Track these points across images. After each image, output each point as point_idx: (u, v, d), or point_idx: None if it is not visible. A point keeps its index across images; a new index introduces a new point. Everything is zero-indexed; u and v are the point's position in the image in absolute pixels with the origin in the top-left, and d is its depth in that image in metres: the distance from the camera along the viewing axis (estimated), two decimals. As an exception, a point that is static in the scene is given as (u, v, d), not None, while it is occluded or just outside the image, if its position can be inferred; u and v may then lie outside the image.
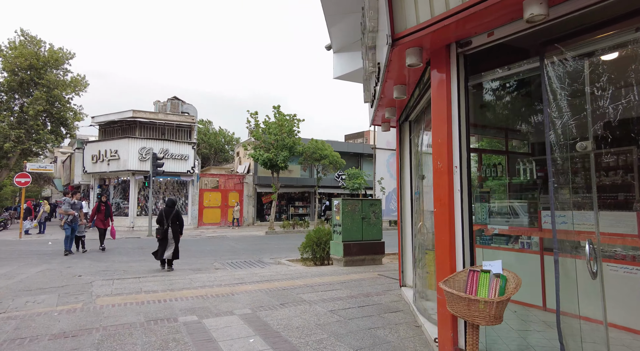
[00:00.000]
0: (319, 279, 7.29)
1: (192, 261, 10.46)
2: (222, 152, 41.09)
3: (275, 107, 21.70)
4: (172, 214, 8.80)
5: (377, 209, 9.67)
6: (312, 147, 21.57)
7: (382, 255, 9.58)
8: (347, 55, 7.36)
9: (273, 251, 12.81)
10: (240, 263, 10.17)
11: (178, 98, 24.26)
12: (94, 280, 7.19)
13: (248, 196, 25.07)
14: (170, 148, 21.97)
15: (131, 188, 21.50)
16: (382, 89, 4.48)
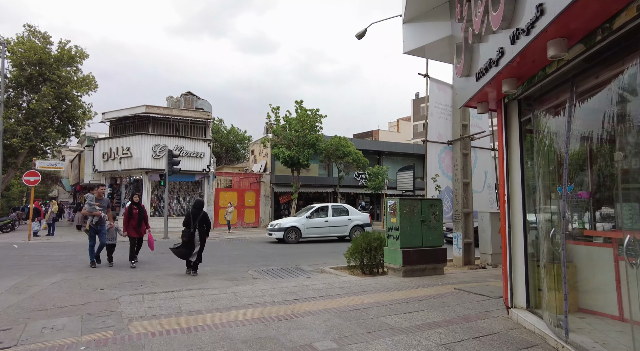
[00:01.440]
0: (387, 295, 6.07)
1: (223, 268, 9.28)
2: (234, 151, 39.98)
3: (297, 102, 20.54)
4: (200, 216, 8.35)
5: (437, 211, 8.44)
6: (334, 144, 20.36)
7: (444, 264, 8.34)
8: (421, 26, 6.14)
9: (306, 256, 11.61)
10: (277, 271, 8.98)
11: (192, 93, 23.15)
12: (121, 295, 6.01)
13: (265, 195, 23.90)
14: (185, 145, 20.85)
15: (144, 188, 20.39)
16: (527, 46, 3.25)
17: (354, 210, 17.38)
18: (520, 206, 4.79)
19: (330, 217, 16.47)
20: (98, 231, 8.94)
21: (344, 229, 16.59)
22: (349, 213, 16.91)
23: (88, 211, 8.86)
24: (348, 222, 16.70)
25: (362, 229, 16.05)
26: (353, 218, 16.82)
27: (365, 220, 17.09)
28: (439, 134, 10.28)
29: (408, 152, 28.66)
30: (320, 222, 16.29)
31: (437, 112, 10.25)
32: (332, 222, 16.45)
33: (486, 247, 9.66)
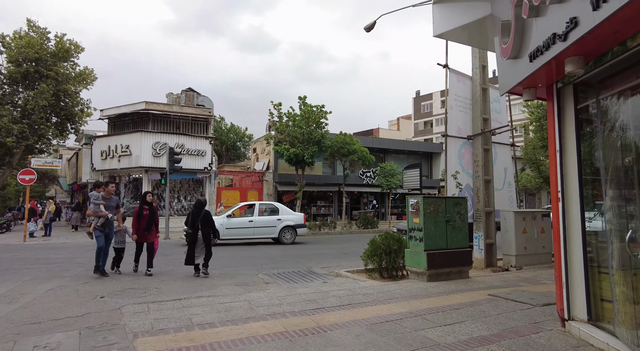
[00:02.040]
0: (417, 303, 5.51)
1: (230, 271, 8.70)
2: (234, 149, 39.37)
3: (300, 98, 19.95)
4: (202, 215, 8.18)
5: (462, 210, 7.88)
6: (339, 142, 19.78)
7: (470, 267, 7.79)
8: (454, 6, 5.57)
9: (318, 258, 11.03)
10: (289, 274, 8.40)
11: (193, 90, 22.54)
12: (123, 305, 5.43)
13: (268, 194, 23.32)
14: (186, 143, 20.24)
15: (144, 187, 19.78)
16: (621, 10, 2.68)
17: (285, 209, 15.48)
18: (577, 205, 4.23)
19: (257, 217, 14.62)
20: (106, 234, 7.73)
21: (273, 230, 14.66)
22: (279, 212, 15.01)
23: (93, 212, 7.54)
24: (277, 222, 14.73)
25: (293, 231, 14.88)
26: (284, 218, 14.87)
27: (298, 220, 15.18)
28: (458, 129, 9.71)
29: (412, 150, 28.13)
30: (243, 222, 14.48)
31: (456, 105, 9.69)
32: (259, 222, 14.53)
33: (510, 248, 9.11)
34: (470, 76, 10.02)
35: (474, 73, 9.96)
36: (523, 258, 9.04)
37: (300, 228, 15.18)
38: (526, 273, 8.23)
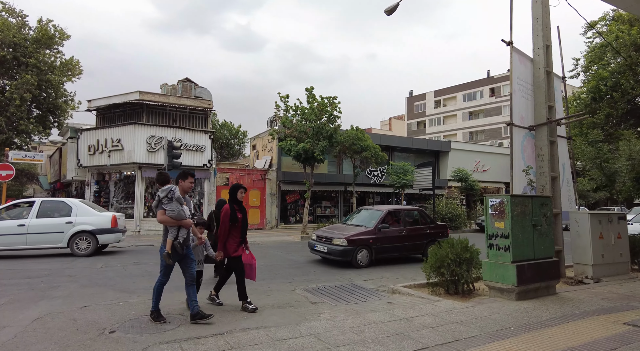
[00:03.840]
0: (548, 339, 4.10)
1: (261, 286, 7.15)
2: (228, 147, 37.51)
3: (308, 90, 18.38)
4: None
5: (548, 212, 6.54)
6: (351, 137, 18.34)
7: (558, 281, 6.45)
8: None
9: (353, 268, 9.54)
10: (333, 290, 6.92)
11: (190, 80, 20.75)
12: (146, 346, 3.85)
13: (271, 194, 21.71)
14: (183, 137, 18.47)
15: (137, 185, 17.94)
16: None
17: (85, 209, 11.14)
18: None
19: (32, 219, 10.39)
20: (183, 256, 4.89)
21: (58, 237, 10.50)
22: (72, 213, 10.80)
23: (174, 218, 4.66)
24: (67, 227, 10.59)
25: (93, 238, 10.68)
26: (79, 221, 10.70)
27: (101, 224, 10.92)
28: (521, 117, 8.38)
29: (420, 148, 26.91)
30: (9, 227, 10.21)
31: (519, 90, 8.35)
32: (35, 227, 10.34)
33: (584, 256, 7.80)
34: (531, 57, 8.72)
35: (536, 54, 8.67)
36: (601, 268, 7.76)
37: (104, 234, 10.91)
38: (616, 287, 6.94)
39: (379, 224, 9.93)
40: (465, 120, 58.10)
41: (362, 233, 9.68)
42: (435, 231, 10.99)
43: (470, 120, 57.69)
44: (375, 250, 9.68)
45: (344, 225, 10.95)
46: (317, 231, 10.96)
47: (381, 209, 10.59)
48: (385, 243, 9.88)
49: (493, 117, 54.20)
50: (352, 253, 9.34)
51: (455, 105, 59.54)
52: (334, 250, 9.38)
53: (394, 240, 10.06)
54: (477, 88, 57.15)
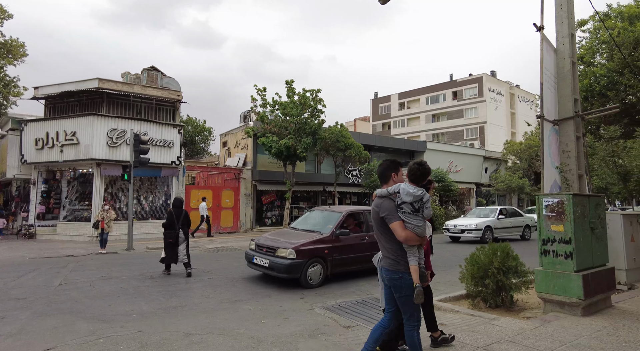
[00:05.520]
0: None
1: (269, 303, 5.89)
2: (192, 143, 35.23)
3: (288, 83, 17.22)
4: (183, 215, 8.34)
5: (602, 213, 5.88)
6: (335, 134, 17.33)
7: (613, 291, 5.76)
8: None
9: (361, 277, 8.48)
10: (356, 307, 5.85)
11: (157, 69, 18.78)
12: None
13: (246, 195, 20.19)
14: (150, 131, 16.54)
15: (95, 184, 15.81)
16: None
17: None
18: None
19: None
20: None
21: None
22: None
23: (420, 235, 3.19)
24: None
25: None
26: None
27: None
28: (547, 110, 7.73)
29: (397, 147, 26.46)
30: None
31: (546, 81, 7.70)
32: None
33: (617, 260, 7.19)
34: (555, 47, 8.13)
35: (560, 43, 8.08)
36: (633, 273, 7.25)
37: None
38: (661, 294, 6.40)
39: (337, 229, 7.72)
40: (429, 122, 59.19)
41: (315, 241, 7.38)
42: None
43: (434, 122, 58.85)
44: (331, 263, 7.50)
45: (293, 231, 8.50)
46: (259, 238, 8.19)
47: (339, 211, 8.37)
48: (344, 252, 7.71)
49: (455, 119, 55.55)
50: (302, 268, 7.02)
51: (419, 107, 60.50)
52: (278, 265, 6.99)
53: (356, 249, 7.89)
54: (440, 91, 58.40)
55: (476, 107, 52.19)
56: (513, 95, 56.42)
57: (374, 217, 3.30)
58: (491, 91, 52.33)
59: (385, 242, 3.22)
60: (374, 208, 3.30)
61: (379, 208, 3.21)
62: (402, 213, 3.18)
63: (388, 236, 3.19)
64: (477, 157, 31.87)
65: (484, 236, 15.15)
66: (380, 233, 3.27)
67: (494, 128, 51.50)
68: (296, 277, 7.05)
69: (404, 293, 3.09)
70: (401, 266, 3.12)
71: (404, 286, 3.09)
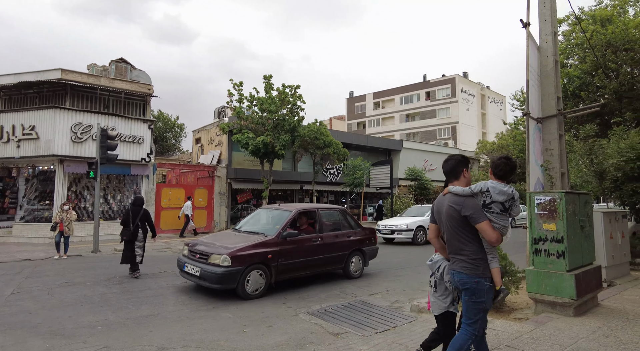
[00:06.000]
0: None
1: (250, 309, 5.49)
2: (163, 140, 33.98)
3: (266, 78, 16.73)
4: (141, 214, 8.24)
5: (590, 211, 5.84)
6: (314, 131, 17.00)
7: (600, 290, 5.73)
8: None
9: (334, 277, 8.19)
10: (342, 311, 5.54)
11: (126, 61, 17.80)
12: None
13: (220, 193, 19.52)
14: (118, 126, 15.64)
15: (57, 182, 14.77)
16: None
17: None
18: None
19: None
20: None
21: None
22: None
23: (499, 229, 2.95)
24: None
25: None
26: None
27: None
28: (532, 108, 7.71)
29: (374, 146, 26.43)
30: None
31: (532, 78, 7.67)
32: None
33: (597, 258, 7.32)
34: (538, 45, 8.13)
35: (543, 41, 8.09)
36: (612, 270, 7.35)
37: None
38: (638, 291, 6.47)
39: (284, 230, 6.84)
40: (403, 122, 59.92)
41: (256, 245, 6.46)
42: (361, 238, 8.20)
43: (407, 122, 59.62)
44: (276, 269, 6.59)
45: (234, 233, 7.51)
46: (194, 241, 7.16)
47: (289, 209, 7.47)
48: (292, 257, 6.84)
49: (428, 119, 56.48)
50: (238, 277, 6.06)
51: (394, 107, 61.16)
52: (210, 274, 6.03)
53: (307, 252, 7.09)
54: (414, 91, 59.18)
55: (449, 107, 53.22)
56: (484, 96, 57.91)
57: (451, 216, 2.97)
58: (463, 92, 53.48)
59: (462, 244, 2.94)
60: (451, 206, 2.96)
61: (461, 206, 2.90)
62: (489, 212, 2.92)
63: (468, 236, 2.93)
64: (451, 157, 32.41)
65: (415, 237, 13.81)
66: (456, 233, 2.96)
67: (465, 128, 52.69)
68: (231, 287, 6.07)
69: (476, 298, 2.86)
70: (480, 270, 2.87)
71: (479, 290, 2.85)
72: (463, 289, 2.92)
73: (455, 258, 2.98)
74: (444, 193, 3.10)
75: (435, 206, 3.19)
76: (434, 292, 3.29)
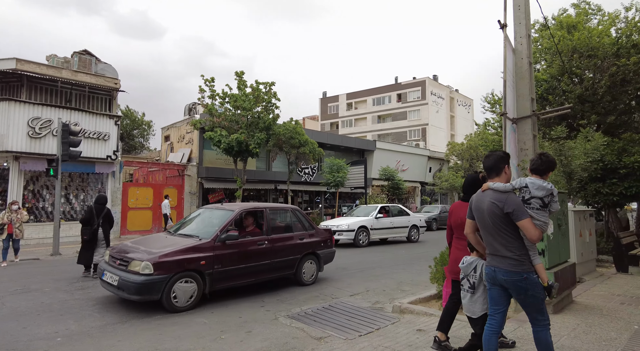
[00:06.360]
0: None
1: (227, 313, 5.22)
2: (130, 138, 32.62)
3: (237, 74, 16.33)
4: (104, 213, 8.03)
5: (566, 209, 5.97)
6: (290, 130, 16.74)
7: (575, 287, 5.86)
8: None
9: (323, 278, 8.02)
10: (323, 314, 5.37)
11: (90, 53, 16.84)
12: None
13: (191, 193, 18.89)
14: (82, 121, 14.77)
15: (11, 180, 13.74)
16: None
17: None
18: None
19: None
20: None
21: None
22: None
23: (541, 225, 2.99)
24: None
25: None
26: None
27: None
28: (508, 109, 7.83)
29: (349, 146, 26.46)
30: None
31: (508, 79, 7.80)
32: None
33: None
34: (513, 46, 8.28)
35: (518, 43, 8.24)
36: (581, 267, 7.56)
37: None
38: (607, 287, 6.72)
39: (223, 232, 6.00)
40: (375, 123, 60.60)
41: (186, 250, 5.57)
42: (315, 240, 7.45)
43: (379, 123, 60.35)
44: (211, 277, 5.74)
45: (165, 236, 6.61)
46: (118, 245, 6.24)
47: (231, 209, 6.65)
48: (232, 262, 6.01)
49: (399, 121, 57.39)
50: (163, 287, 5.23)
51: (366, 108, 61.75)
52: (128, 283, 5.17)
53: (250, 257, 6.28)
54: (386, 93, 59.99)
55: (419, 109, 54.27)
56: (453, 99, 59.47)
57: (493, 212, 2.95)
58: (433, 95, 54.70)
59: (506, 240, 2.92)
60: (493, 203, 2.94)
61: (504, 203, 2.90)
62: (529, 208, 2.94)
63: (511, 233, 2.92)
64: (422, 157, 32.99)
65: (357, 238, 13.06)
66: (499, 230, 2.94)
67: (435, 130, 53.91)
68: (154, 299, 5.24)
69: (530, 292, 2.87)
70: (525, 266, 2.88)
71: (530, 284, 2.86)
72: (511, 287, 2.92)
73: (497, 255, 2.97)
74: (484, 189, 3.10)
75: (473, 203, 3.18)
76: (472, 294, 3.31)
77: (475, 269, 3.28)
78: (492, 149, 18.97)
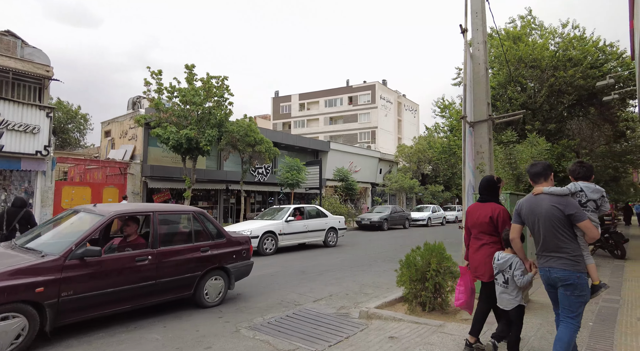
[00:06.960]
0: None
1: (181, 326, 4.71)
2: (63, 133, 29.82)
3: (188, 67, 15.46)
4: (20, 216, 6.99)
5: (523, 211, 6.09)
6: (244, 128, 16.13)
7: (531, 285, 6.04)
8: None
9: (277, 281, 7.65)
10: (287, 323, 5.06)
11: (15, 34, 14.98)
12: None
13: (134, 193, 17.55)
14: (5, 112, 13.08)
15: None
16: None
17: None
18: None
19: None
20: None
21: None
22: None
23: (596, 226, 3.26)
24: None
25: None
26: None
27: None
28: (467, 112, 8.01)
29: (303, 146, 26.22)
30: None
31: (467, 84, 7.98)
32: None
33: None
34: (471, 52, 8.52)
35: (475, 49, 8.51)
36: (531, 266, 7.94)
37: None
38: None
39: (79, 246, 4.40)
40: (327, 124, 61.05)
41: (16, 272, 3.94)
42: (224, 252, 5.96)
43: (331, 125, 60.89)
44: (57, 308, 4.16)
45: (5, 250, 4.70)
46: None
47: (101, 213, 4.96)
48: (91, 287, 4.44)
49: (350, 123, 58.30)
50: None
51: (318, 110, 62.05)
52: None
53: (122, 278, 4.74)
54: (338, 95, 60.69)
55: (369, 112, 55.49)
56: (400, 104, 61.53)
57: (553, 215, 3.09)
58: (382, 99, 56.19)
59: (562, 242, 3.09)
60: (554, 206, 3.09)
61: (565, 205, 3.08)
62: (586, 211, 3.16)
63: (568, 235, 3.08)
64: (373, 159, 33.66)
65: (261, 245, 11.08)
66: (557, 232, 3.08)
67: (384, 133, 55.42)
68: None
69: (578, 292, 3.04)
70: (580, 266, 3.06)
71: (581, 285, 3.03)
72: (564, 285, 3.06)
73: (552, 255, 3.11)
74: (535, 193, 3.23)
75: (524, 207, 3.28)
76: (505, 288, 3.52)
77: (511, 266, 3.45)
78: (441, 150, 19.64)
